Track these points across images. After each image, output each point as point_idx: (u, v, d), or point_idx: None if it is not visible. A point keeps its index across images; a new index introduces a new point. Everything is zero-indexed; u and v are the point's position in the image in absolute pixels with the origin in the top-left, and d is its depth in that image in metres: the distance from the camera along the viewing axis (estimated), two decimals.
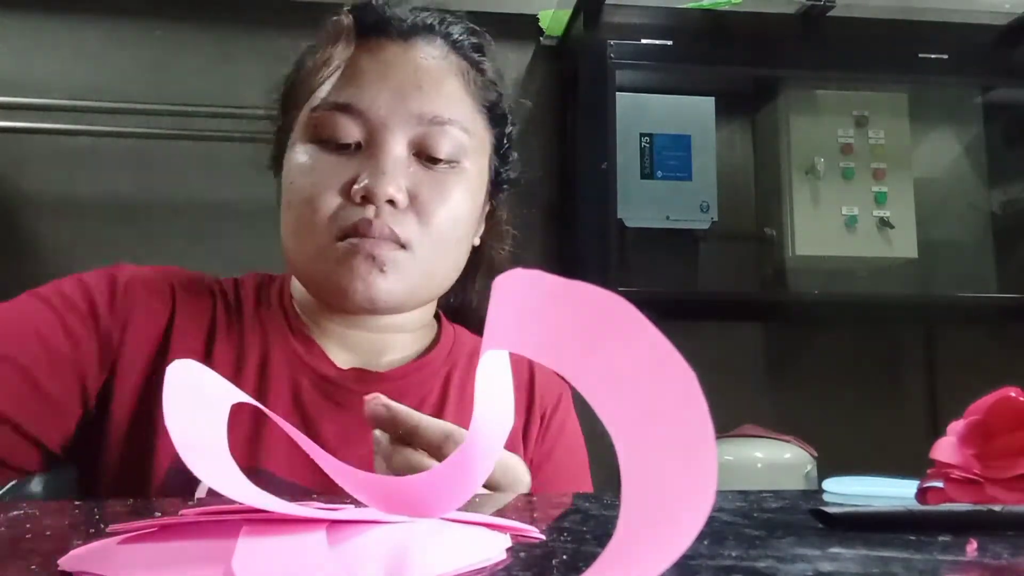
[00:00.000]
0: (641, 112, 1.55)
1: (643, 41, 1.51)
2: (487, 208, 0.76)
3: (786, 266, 1.56)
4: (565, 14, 1.57)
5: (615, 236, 1.46)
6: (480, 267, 0.81)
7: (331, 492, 0.48)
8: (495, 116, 0.73)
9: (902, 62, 1.56)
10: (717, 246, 1.63)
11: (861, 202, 1.55)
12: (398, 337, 0.71)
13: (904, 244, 1.55)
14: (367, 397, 0.51)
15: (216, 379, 0.32)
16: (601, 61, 1.47)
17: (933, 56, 1.54)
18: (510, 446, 0.70)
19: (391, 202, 0.62)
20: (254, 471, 0.61)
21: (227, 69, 1.48)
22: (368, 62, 0.66)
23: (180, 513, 0.29)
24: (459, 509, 0.31)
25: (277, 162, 0.71)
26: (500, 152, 0.75)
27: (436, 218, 0.64)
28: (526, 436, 0.71)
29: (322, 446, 0.37)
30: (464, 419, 0.68)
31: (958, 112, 1.71)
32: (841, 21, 1.57)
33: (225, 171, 1.47)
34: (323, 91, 0.65)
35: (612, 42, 1.48)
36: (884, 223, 1.55)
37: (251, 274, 0.74)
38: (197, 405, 0.30)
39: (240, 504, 0.27)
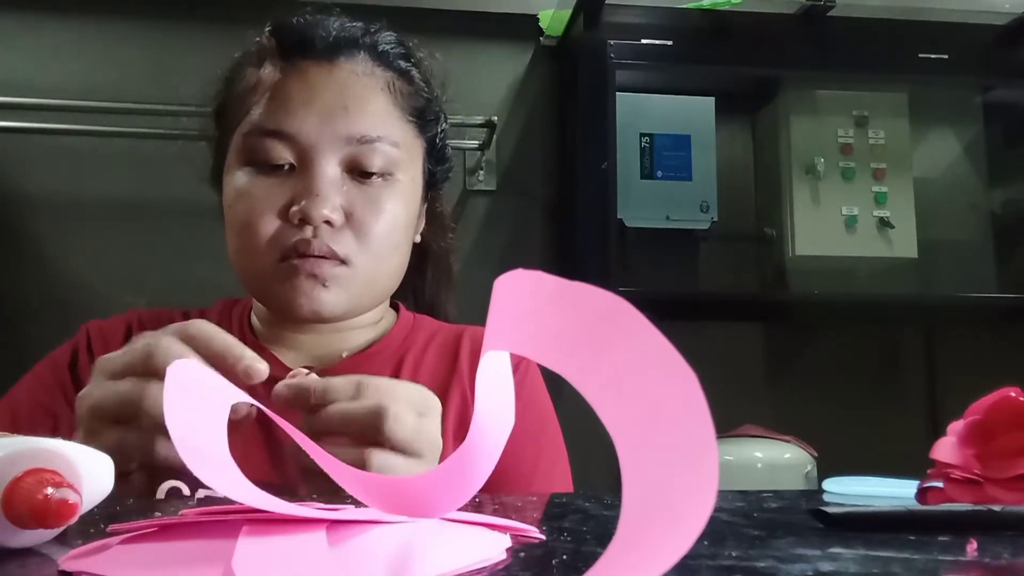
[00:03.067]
0: (641, 112, 1.55)
1: (643, 41, 1.50)
2: (425, 205, 0.78)
3: (786, 266, 1.56)
4: (565, 14, 1.57)
5: (615, 236, 1.46)
6: (427, 262, 0.84)
7: (290, 487, 0.48)
8: (425, 122, 0.74)
9: (902, 62, 1.55)
10: (717, 246, 1.63)
11: (861, 202, 1.55)
12: (351, 334, 0.74)
13: (904, 244, 1.55)
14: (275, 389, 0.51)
15: (217, 379, 0.32)
16: (601, 61, 1.47)
17: (933, 56, 1.54)
18: (461, 416, 0.69)
19: (328, 222, 0.65)
20: None
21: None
22: (294, 86, 0.68)
23: (180, 513, 0.29)
24: (459, 509, 0.31)
25: (216, 179, 0.73)
26: (433, 154, 0.76)
27: (373, 232, 0.67)
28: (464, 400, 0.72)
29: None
30: None
31: (958, 112, 1.71)
32: (841, 21, 1.57)
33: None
34: (253, 116, 0.68)
35: (612, 42, 1.48)
36: (884, 223, 1.55)
37: (220, 301, 0.79)
38: (197, 405, 0.30)
39: (240, 504, 0.27)
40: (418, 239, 0.77)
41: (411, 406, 0.51)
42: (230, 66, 0.74)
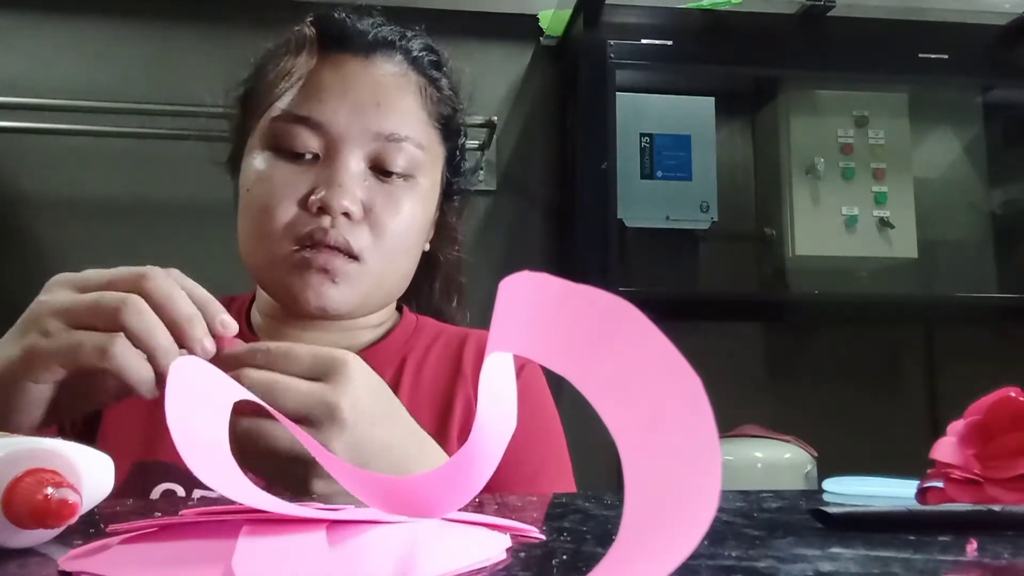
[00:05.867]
0: (641, 112, 1.55)
1: (643, 41, 1.50)
2: (437, 215, 0.79)
3: (786, 266, 1.56)
4: (565, 14, 1.57)
5: (615, 236, 1.46)
6: (436, 272, 0.84)
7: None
8: (449, 130, 0.75)
9: (902, 62, 1.56)
10: (717, 246, 1.63)
11: (861, 202, 1.55)
12: (354, 334, 0.73)
13: (904, 244, 1.55)
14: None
15: (219, 377, 0.32)
16: (601, 61, 1.47)
17: (933, 56, 1.54)
18: (466, 417, 0.69)
19: (346, 214, 0.65)
20: (151, 464, 0.63)
21: (226, 68, 1.48)
22: (329, 76, 0.68)
23: (180, 513, 0.29)
24: (459, 509, 0.31)
25: (234, 163, 0.73)
26: (452, 164, 0.77)
27: (389, 230, 0.67)
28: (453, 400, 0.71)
29: None
30: (418, 403, 0.69)
31: (958, 112, 1.71)
32: (841, 21, 1.57)
33: (224, 170, 1.47)
34: (284, 101, 0.68)
35: (612, 42, 1.48)
36: (884, 223, 1.55)
37: (220, 297, 0.76)
38: (198, 404, 0.30)
39: (240, 504, 0.27)
40: (427, 247, 0.77)
41: (304, 370, 0.48)
42: (262, 54, 0.74)
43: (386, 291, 0.71)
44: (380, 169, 0.68)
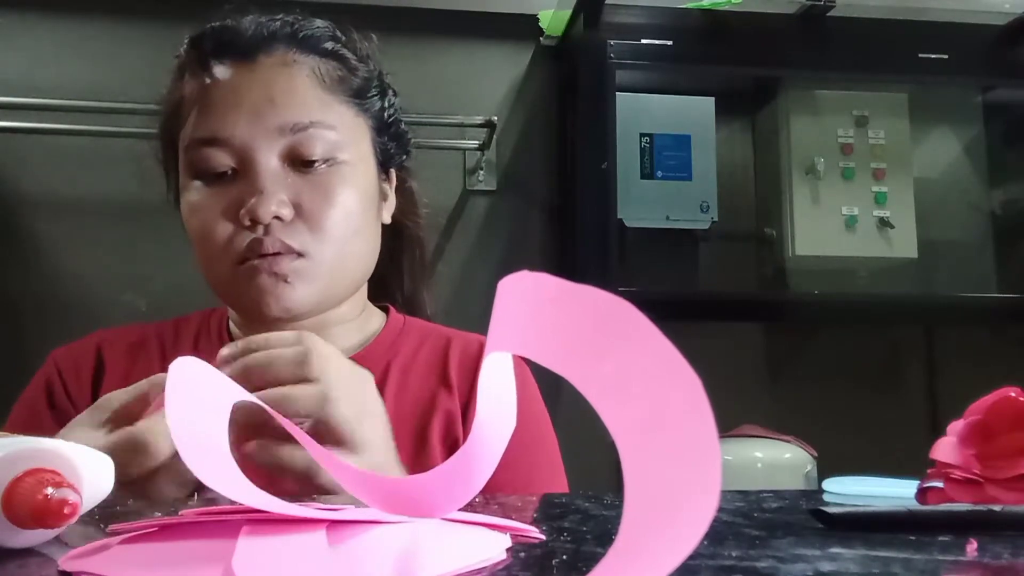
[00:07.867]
0: (641, 112, 1.55)
1: (643, 41, 1.50)
2: (393, 183, 0.77)
3: (786, 266, 1.56)
4: (565, 14, 1.57)
5: (615, 236, 1.46)
6: (403, 249, 0.83)
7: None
8: (366, 99, 0.73)
9: (902, 62, 1.55)
10: (717, 246, 1.63)
11: (861, 202, 1.55)
12: (334, 333, 0.72)
13: (904, 244, 1.55)
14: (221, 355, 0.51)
15: (219, 378, 0.32)
16: (601, 61, 1.47)
17: (933, 56, 1.54)
18: (447, 425, 0.69)
19: (277, 217, 0.65)
20: None
21: None
22: (219, 91, 0.68)
23: (180, 513, 0.29)
24: (459, 509, 0.31)
25: (176, 197, 0.74)
26: (384, 129, 0.75)
27: (325, 221, 0.66)
28: (466, 413, 0.71)
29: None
30: (403, 406, 0.69)
31: (958, 112, 1.71)
32: (841, 21, 1.57)
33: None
34: (188, 129, 0.68)
35: (612, 42, 1.48)
36: (884, 223, 1.55)
37: (199, 312, 0.79)
38: (198, 404, 0.30)
39: (240, 504, 0.27)
40: (388, 219, 0.76)
41: (352, 402, 0.51)
42: (168, 86, 0.74)
43: (349, 278, 0.70)
44: (299, 162, 0.67)
